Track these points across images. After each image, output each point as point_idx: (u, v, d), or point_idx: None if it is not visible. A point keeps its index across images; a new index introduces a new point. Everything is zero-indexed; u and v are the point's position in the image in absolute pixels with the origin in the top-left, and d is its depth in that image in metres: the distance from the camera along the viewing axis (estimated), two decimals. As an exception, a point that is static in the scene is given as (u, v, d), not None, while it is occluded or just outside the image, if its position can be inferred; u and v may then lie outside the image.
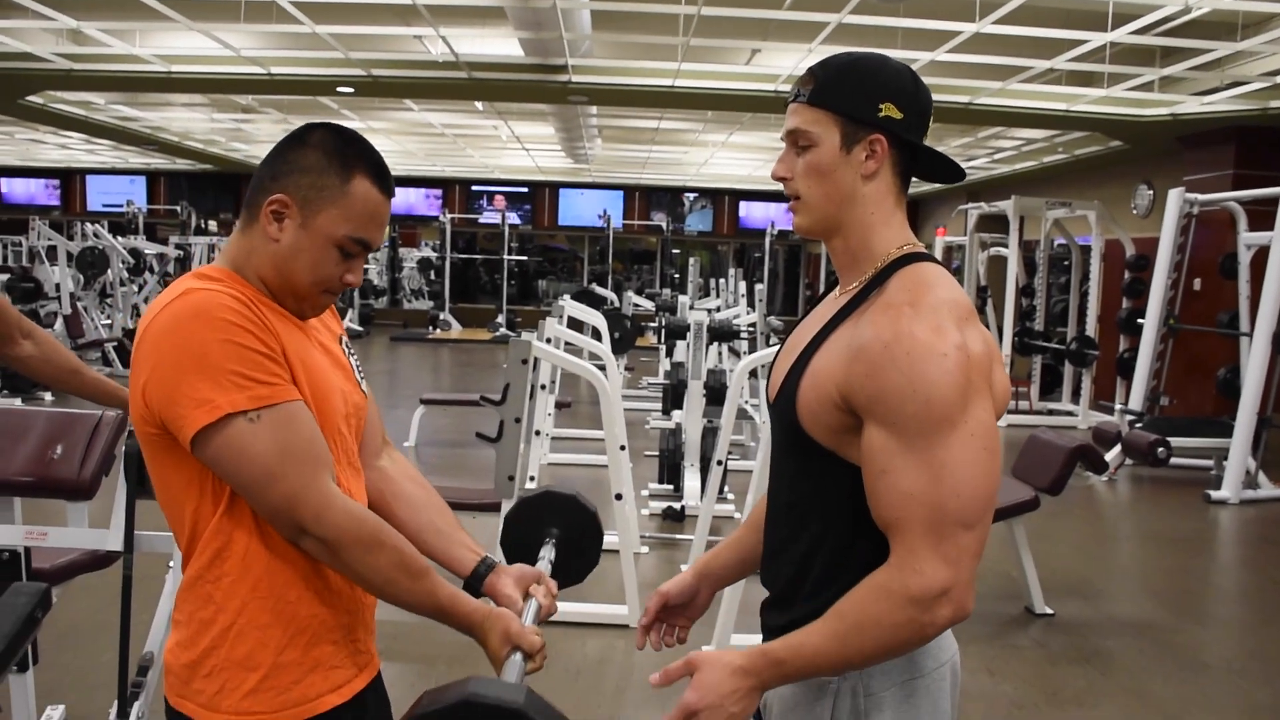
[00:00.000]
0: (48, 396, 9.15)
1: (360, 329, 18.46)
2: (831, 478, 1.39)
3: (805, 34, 8.14)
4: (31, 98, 11.52)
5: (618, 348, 9.94)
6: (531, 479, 6.18)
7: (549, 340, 5.78)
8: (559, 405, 8.49)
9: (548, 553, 1.75)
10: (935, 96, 1.48)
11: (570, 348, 6.56)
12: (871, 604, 1.30)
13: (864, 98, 1.40)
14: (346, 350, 1.62)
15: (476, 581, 1.58)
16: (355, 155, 1.46)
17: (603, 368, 6.16)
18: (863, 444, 1.35)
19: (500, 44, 9.13)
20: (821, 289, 1.67)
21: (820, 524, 1.42)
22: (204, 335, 1.32)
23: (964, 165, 14.76)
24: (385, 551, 1.40)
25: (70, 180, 20.63)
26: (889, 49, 8.35)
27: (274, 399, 1.35)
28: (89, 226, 12.94)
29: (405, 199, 21.00)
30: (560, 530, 1.81)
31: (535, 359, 4.55)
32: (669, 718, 1.29)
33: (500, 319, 18.24)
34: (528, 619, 1.49)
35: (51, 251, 11.87)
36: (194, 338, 1.33)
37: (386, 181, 1.49)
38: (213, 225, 18.98)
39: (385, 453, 1.72)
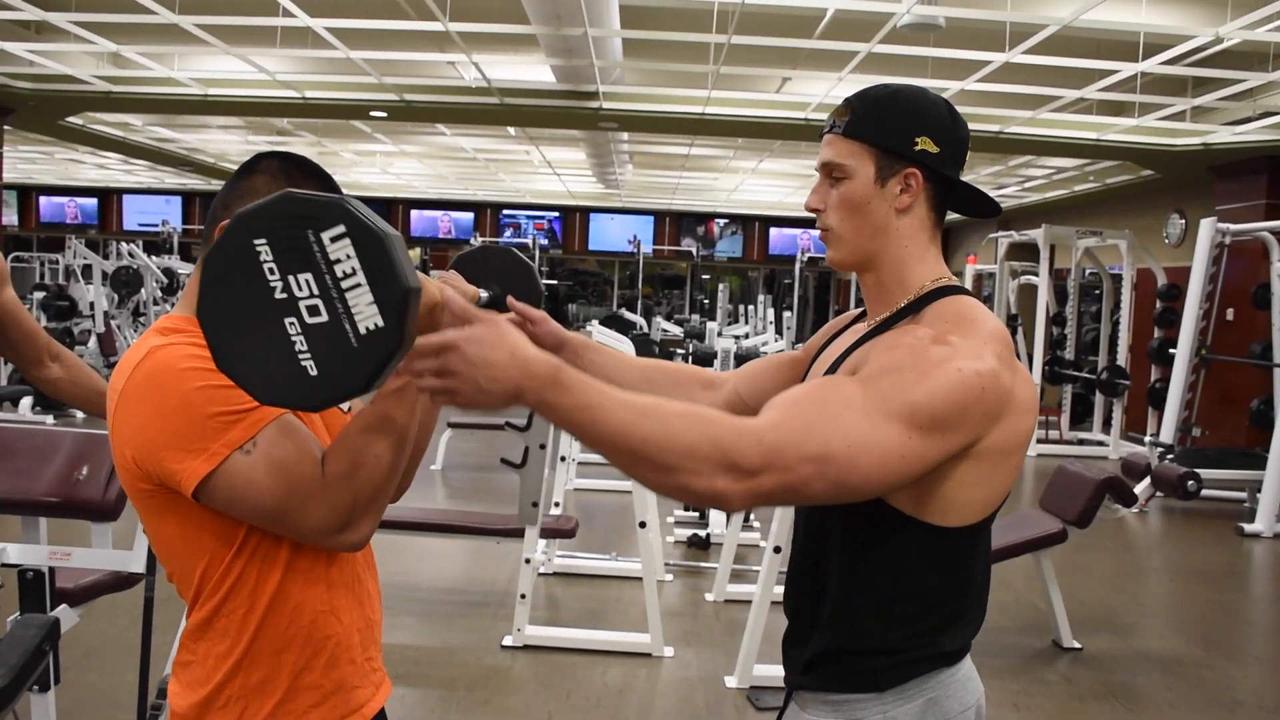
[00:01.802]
0: (79, 415, 9.25)
1: (390, 350, 18.55)
2: (852, 527, 1.36)
3: (836, 63, 8.16)
4: (71, 119, 11.73)
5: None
6: (556, 505, 6.17)
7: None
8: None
9: (483, 296, 1.67)
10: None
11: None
12: (692, 424, 1.18)
13: (900, 131, 1.38)
14: None
15: None
16: (302, 178, 1.45)
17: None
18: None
19: (532, 70, 9.20)
20: (845, 313, 1.63)
21: (839, 583, 1.39)
22: (181, 389, 1.33)
23: (994, 194, 14.91)
24: (368, 449, 1.35)
25: (107, 200, 20.92)
26: (919, 79, 8.37)
27: (264, 419, 1.34)
28: (124, 246, 13.11)
29: (435, 222, 21.15)
30: (499, 286, 1.74)
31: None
32: (426, 340, 1.16)
33: (528, 342, 18.23)
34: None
35: (87, 270, 12.03)
36: (172, 394, 1.33)
37: None
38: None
39: None
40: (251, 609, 1.41)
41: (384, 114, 10.53)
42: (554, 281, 21.59)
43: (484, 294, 1.66)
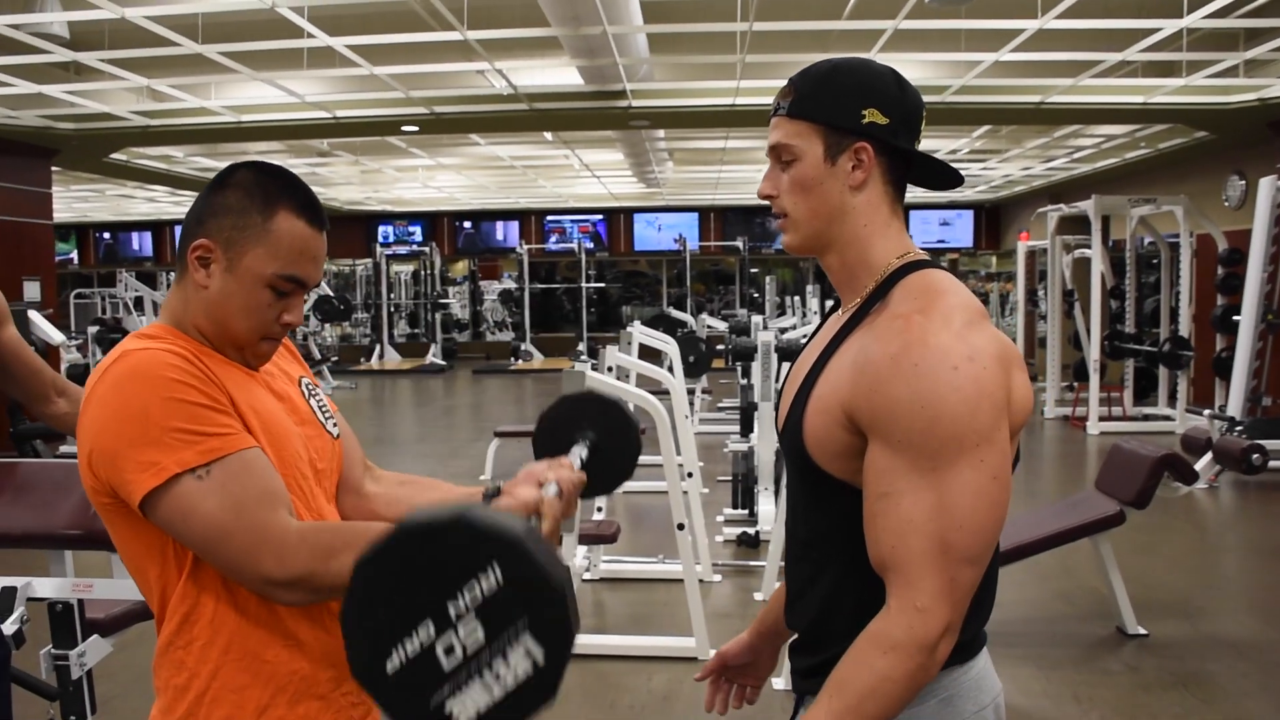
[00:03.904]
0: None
1: (443, 363, 18.69)
2: (846, 511, 1.29)
3: (864, 42, 7.97)
4: (115, 155, 11.94)
5: (693, 371, 9.84)
6: (599, 510, 6.10)
7: (610, 369, 5.70)
8: (632, 432, 8.40)
9: (579, 450, 1.65)
10: (1004, 97, 1.40)
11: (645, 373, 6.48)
12: (879, 661, 1.20)
13: (845, 105, 1.32)
14: (307, 393, 1.55)
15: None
16: (278, 190, 1.40)
17: (668, 394, 6.07)
18: (865, 464, 1.25)
19: (559, 74, 9.14)
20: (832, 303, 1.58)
21: (841, 562, 1.32)
22: (144, 396, 1.27)
23: (1042, 167, 14.53)
24: (354, 547, 1.28)
25: (160, 232, 21.35)
26: (952, 52, 8.16)
27: (225, 450, 1.29)
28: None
29: (482, 233, 21.26)
30: (595, 433, 1.71)
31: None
32: None
33: (581, 347, 18.27)
34: (547, 494, 1.38)
35: (139, 302, 12.25)
36: (134, 400, 1.27)
37: (315, 214, 1.42)
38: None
39: (368, 477, 1.65)
40: (211, 641, 1.35)
41: (415, 128, 10.55)
42: (603, 285, 21.64)
43: (583, 450, 1.64)
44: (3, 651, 2.30)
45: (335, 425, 1.57)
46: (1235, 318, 8.92)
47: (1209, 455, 7.00)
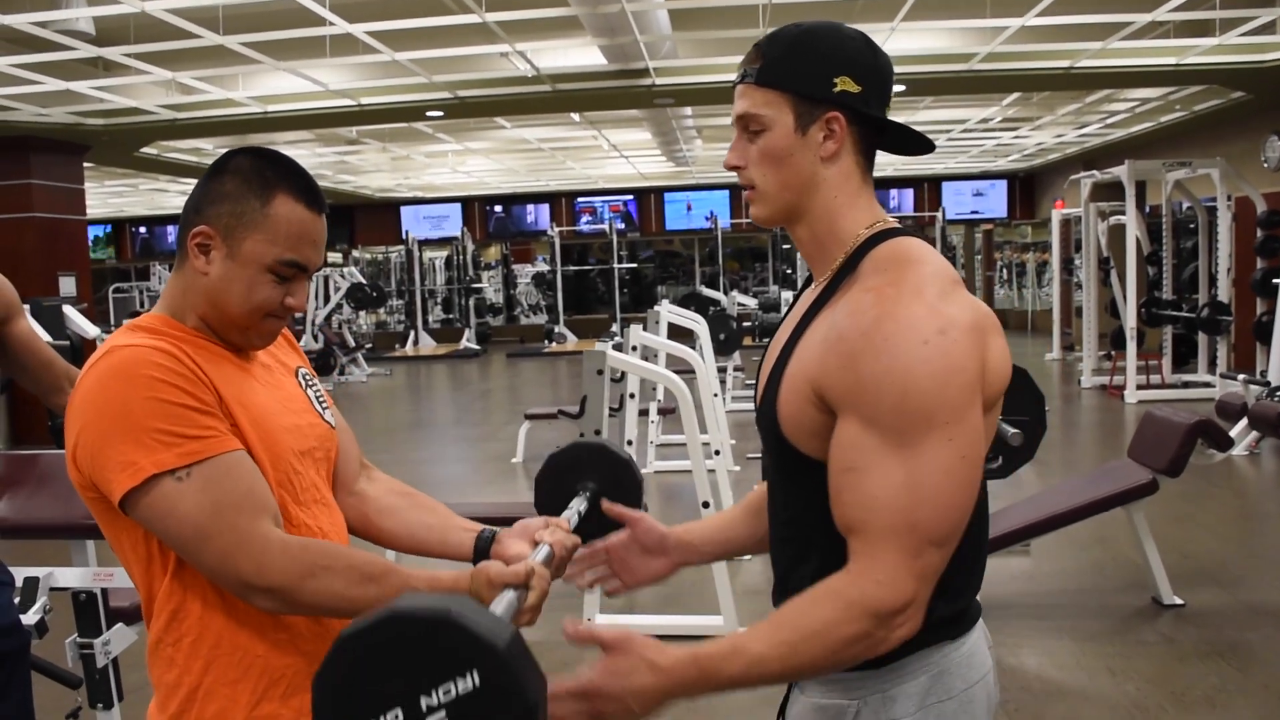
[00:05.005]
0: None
1: (477, 348, 18.75)
2: (825, 492, 1.25)
3: (887, 11, 7.85)
4: (145, 149, 12.05)
5: (723, 349, 9.80)
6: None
7: (634, 348, 5.67)
8: (662, 412, 8.39)
9: (577, 504, 1.65)
10: (1032, 63, 1.35)
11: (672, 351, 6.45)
12: (825, 611, 1.17)
13: (817, 72, 1.27)
14: (304, 383, 1.55)
15: (481, 556, 1.51)
16: (275, 175, 1.39)
17: (693, 372, 6.04)
18: (833, 438, 1.21)
19: (582, 54, 9.10)
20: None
21: (825, 542, 1.27)
22: (127, 395, 1.27)
23: (1075, 133, 14.28)
24: (335, 571, 1.31)
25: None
26: (977, 18, 8.01)
27: (205, 453, 1.28)
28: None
29: (514, 216, 21.28)
30: (595, 483, 1.70)
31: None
32: (563, 687, 1.13)
33: (615, 328, 18.27)
34: (536, 558, 1.39)
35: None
36: (117, 398, 1.27)
37: (314, 198, 1.41)
38: (332, 256, 19.55)
39: (363, 476, 1.64)
40: (200, 637, 1.35)
41: (440, 113, 10.55)
42: (635, 265, 21.61)
43: (582, 505, 1.63)
44: (22, 640, 2.33)
45: (331, 416, 1.57)
46: (1275, 281, 8.74)
47: (1245, 421, 6.86)
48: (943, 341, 1.16)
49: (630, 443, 5.88)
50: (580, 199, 21.23)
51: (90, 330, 7.76)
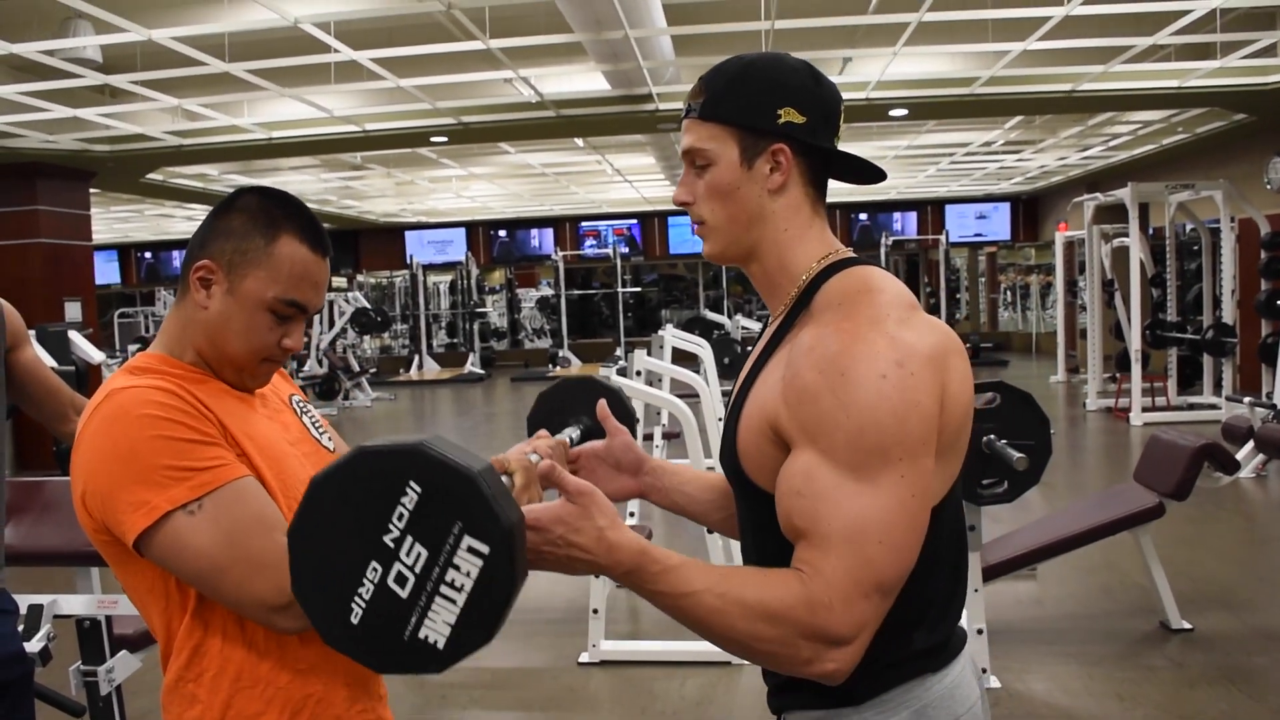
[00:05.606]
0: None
1: (482, 372, 18.75)
2: None
3: (888, 37, 7.89)
4: (151, 175, 12.10)
5: (727, 373, 9.78)
6: (631, 514, 6.07)
7: (638, 372, 5.68)
8: (666, 436, 8.36)
9: (570, 431, 1.65)
10: (1035, 87, 1.32)
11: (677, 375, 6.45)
12: (775, 601, 1.12)
13: (760, 104, 1.25)
14: (299, 410, 1.56)
15: None
16: (282, 215, 1.40)
17: (697, 396, 6.04)
18: (783, 466, 1.19)
19: (586, 80, 9.15)
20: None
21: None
22: (132, 436, 1.28)
23: (1078, 156, 14.31)
24: None
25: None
26: (979, 43, 8.04)
27: (215, 483, 1.29)
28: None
29: (517, 241, 21.34)
30: (588, 416, 1.70)
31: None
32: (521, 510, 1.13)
33: (619, 352, 18.26)
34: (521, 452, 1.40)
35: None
36: (122, 441, 1.28)
37: (319, 240, 1.43)
38: (337, 281, 19.58)
39: None
40: (222, 670, 1.35)
41: (444, 138, 10.60)
42: (639, 289, 21.63)
43: (575, 432, 1.63)
44: (26, 669, 2.32)
45: (330, 440, 1.57)
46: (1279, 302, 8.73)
47: (1251, 443, 6.83)
48: (900, 375, 1.13)
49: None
50: (584, 223, 21.28)
51: (95, 355, 7.78)
